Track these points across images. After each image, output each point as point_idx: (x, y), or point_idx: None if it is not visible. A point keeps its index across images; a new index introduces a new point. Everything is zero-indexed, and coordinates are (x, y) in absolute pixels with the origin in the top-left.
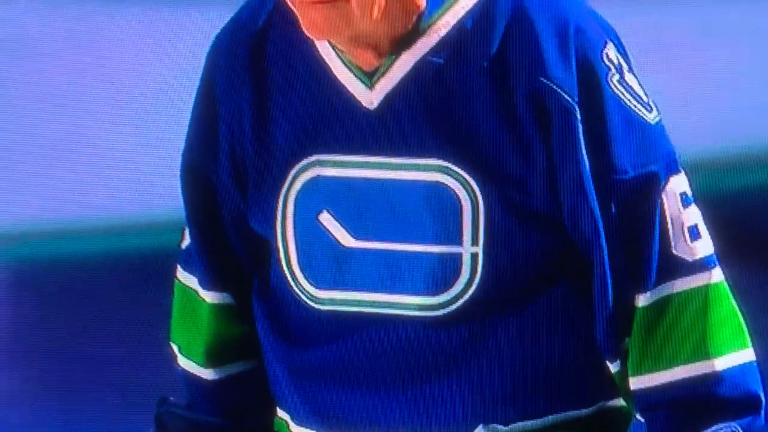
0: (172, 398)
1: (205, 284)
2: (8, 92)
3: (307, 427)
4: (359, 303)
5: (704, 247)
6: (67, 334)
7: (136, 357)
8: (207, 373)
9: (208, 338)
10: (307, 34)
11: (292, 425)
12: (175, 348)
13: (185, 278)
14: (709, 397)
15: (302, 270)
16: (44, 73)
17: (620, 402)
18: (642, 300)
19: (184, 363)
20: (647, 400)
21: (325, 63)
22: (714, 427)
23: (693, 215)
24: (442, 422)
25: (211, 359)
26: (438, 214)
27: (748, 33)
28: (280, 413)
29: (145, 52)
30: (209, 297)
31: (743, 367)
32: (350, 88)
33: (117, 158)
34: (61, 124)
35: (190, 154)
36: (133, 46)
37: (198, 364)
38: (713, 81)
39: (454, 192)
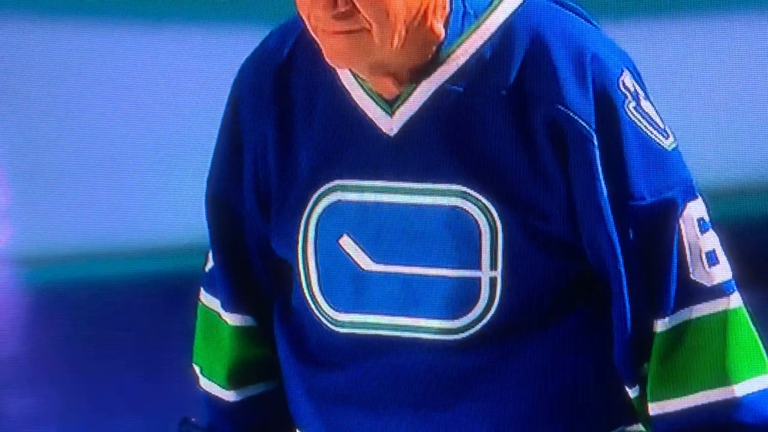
0: (193, 419)
1: (227, 307)
2: (40, 119)
3: None
4: (378, 326)
5: (722, 272)
6: (92, 356)
7: (160, 379)
8: (228, 395)
9: (230, 360)
10: (330, 63)
11: None
12: (197, 369)
13: (208, 301)
14: (728, 423)
15: (323, 293)
16: (82, 98)
17: (640, 427)
18: (660, 325)
19: (205, 384)
20: (666, 425)
21: (347, 91)
22: None
23: (711, 241)
24: None
25: (232, 381)
26: (457, 238)
27: (764, 56)
28: None
29: (177, 76)
30: (231, 319)
31: (763, 393)
32: (371, 115)
33: (144, 183)
34: (88, 149)
35: (215, 181)
36: (166, 71)
37: (219, 386)
38: (731, 107)
39: (473, 217)
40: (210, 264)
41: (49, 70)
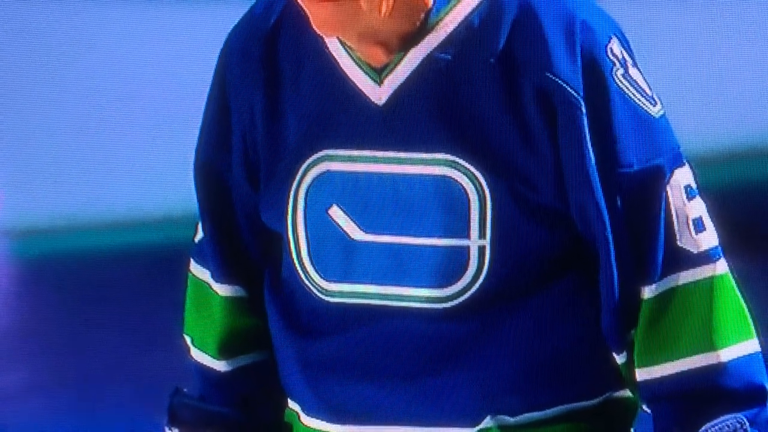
0: (185, 390)
1: (217, 277)
2: (27, 90)
3: (317, 418)
4: (368, 295)
5: (709, 239)
6: (82, 327)
7: (150, 349)
8: (219, 365)
9: (221, 330)
10: (317, 31)
11: (302, 416)
12: (188, 340)
13: (198, 271)
14: (714, 388)
15: (312, 263)
16: (62, 72)
17: (627, 393)
18: (647, 292)
19: (196, 355)
20: (653, 391)
21: (335, 59)
22: (720, 419)
23: (697, 208)
24: (450, 414)
25: (224, 351)
26: (445, 207)
27: (754, 26)
28: (291, 404)
29: (162, 48)
30: (221, 290)
31: (748, 359)
32: (359, 84)
33: (132, 154)
34: (76, 121)
35: (203, 150)
36: (149, 43)
37: (210, 356)
38: (718, 74)
39: (462, 186)
40: (199, 235)
41: (35, 44)
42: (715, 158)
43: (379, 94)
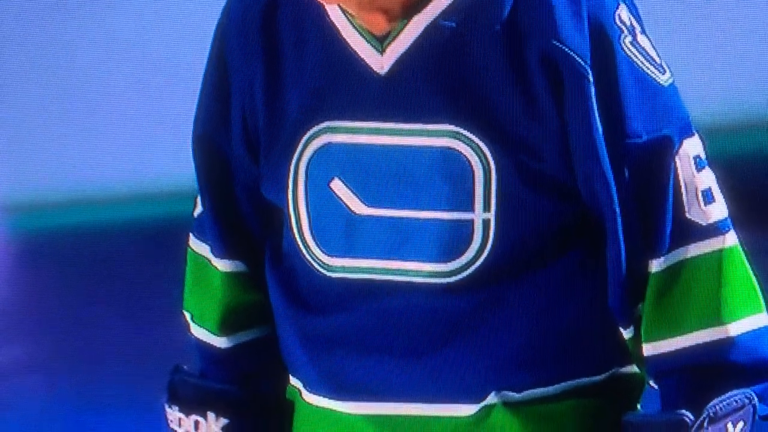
0: (185, 367)
1: (217, 252)
2: (24, 64)
3: (319, 395)
4: (370, 270)
5: (718, 210)
6: (81, 303)
7: (150, 325)
8: (220, 341)
9: (221, 306)
10: None
11: (304, 393)
12: (188, 316)
13: (198, 246)
14: (722, 363)
15: (314, 237)
16: (66, 44)
17: (633, 368)
18: (655, 265)
19: (196, 331)
20: (660, 366)
21: (336, 28)
22: (728, 394)
23: (707, 179)
24: (454, 389)
25: (224, 327)
26: (449, 180)
27: None
28: (293, 381)
29: (160, 17)
30: (221, 265)
31: (757, 333)
32: (361, 53)
33: (130, 127)
34: (74, 94)
35: (202, 123)
36: (147, 12)
37: (211, 332)
38: (729, 42)
39: (466, 157)
40: (198, 209)
41: (29, 18)
42: (725, 127)
43: (381, 63)
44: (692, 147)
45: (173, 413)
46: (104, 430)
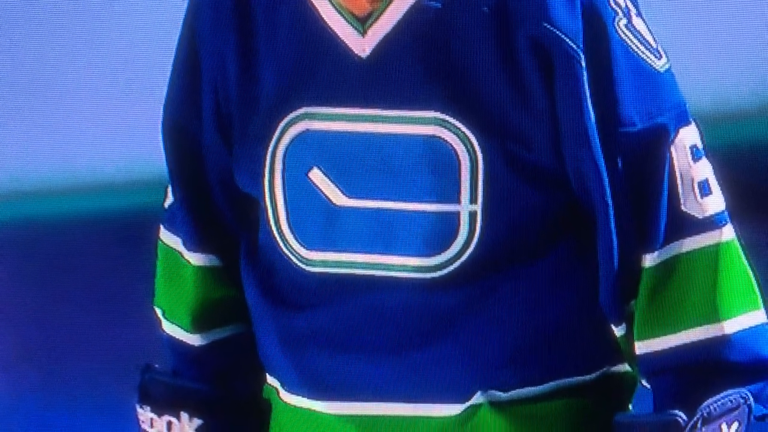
0: (157, 365)
1: (190, 245)
2: None
3: (298, 395)
4: (352, 264)
5: (715, 203)
6: (46, 298)
7: (119, 322)
8: (193, 339)
9: (194, 302)
10: None
11: (282, 392)
12: (159, 312)
13: (169, 239)
14: (718, 361)
15: (292, 230)
16: (33, 27)
17: (625, 367)
18: (649, 260)
19: (168, 328)
20: (653, 364)
21: (314, 7)
22: (723, 394)
23: (704, 169)
24: (439, 388)
25: (197, 324)
26: (434, 170)
27: None
28: (270, 380)
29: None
30: (194, 259)
31: (754, 330)
32: (341, 35)
33: (97, 114)
34: (39, 81)
35: (172, 108)
36: None
37: (183, 329)
38: (728, 25)
39: (452, 146)
40: (169, 199)
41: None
42: (723, 116)
43: (362, 45)
44: (689, 136)
45: (145, 414)
46: (72, 431)
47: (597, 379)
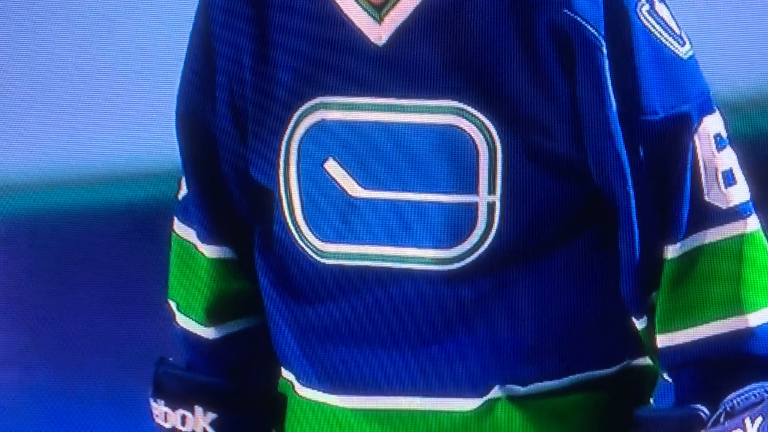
0: (171, 358)
1: (204, 238)
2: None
3: (313, 389)
4: (368, 257)
5: (739, 193)
6: (60, 291)
7: (133, 315)
8: (207, 332)
9: (208, 295)
10: None
11: (297, 386)
12: (173, 305)
13: (183, 231)
14: (741, 355)
15: (307, 222)
16: (41, 18)
17: (646, 360)
18: (671, 251)
19: (182, 321)
20: (675, 358)
21: None
22: (746, 387)
23: (728, 159)
24: (456, 383)
25: (212, 317)
26: (452, 160)
27: None
28: (285, 374)
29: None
30: (209, 251)
31: None
32: (357, 22)
33: (110, 104)
34: (52, 71)
35: (186, 98)
36: None
37: (197, 322)
38: (754, 12)
39: (470, 136)
40: (183, 191)
41: None
42: (748, 104)
43: (378, 33)
44: (712, 125)
45: (159, 407)
46: (85, 426)
47: (617, 373)
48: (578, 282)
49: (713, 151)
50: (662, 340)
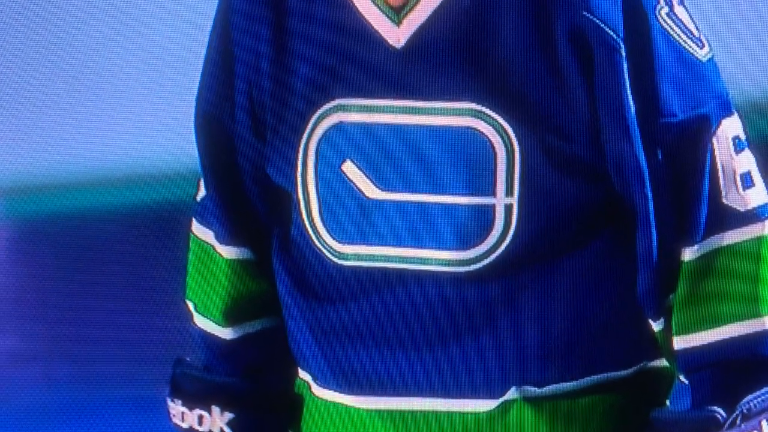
0: (188, 358)
1: (222, 239)
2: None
3: (330, 389)
4: (385, 258)
5: (758, 195)
6: (79, 291)
7: (151, 315)
8: (225, 332)
9: (226, 296)
10: None
11: (314, 387)
12: (191, 306)
13: (201, 232)
14: (758, 357)
15: (324, 223)
16: (59, 20)
17: (663, 362)
18: (689, 253)
19: (200, 321)
20: (692, 360)
21: None
22: (763, 390)
23: (746, 161)
24: (473, 384)
25: (229, 317)
26: (470, 162)
27: None
28: (302, 374)
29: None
30: (226, 252)
31: None
32: (375, 25)
33: (130, 106)
34: (71, 73)
35: (204, 100)
36: None
37: (215, 323)
38: None
39: (488, 138)
40: (201, 192)
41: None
42: (766, 107)
43: (397, 35)
44: (731, 127)
45: (176, 407)
46: (103, 424)
47: (634, 375)
48: (595, 283)
49: (731, 154)
50: (679, 342)
